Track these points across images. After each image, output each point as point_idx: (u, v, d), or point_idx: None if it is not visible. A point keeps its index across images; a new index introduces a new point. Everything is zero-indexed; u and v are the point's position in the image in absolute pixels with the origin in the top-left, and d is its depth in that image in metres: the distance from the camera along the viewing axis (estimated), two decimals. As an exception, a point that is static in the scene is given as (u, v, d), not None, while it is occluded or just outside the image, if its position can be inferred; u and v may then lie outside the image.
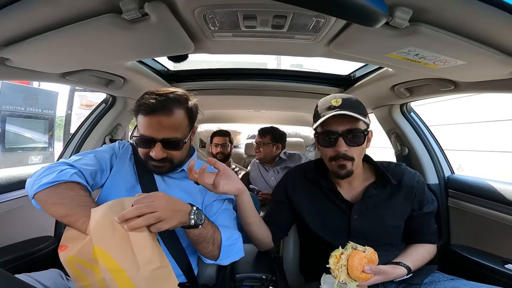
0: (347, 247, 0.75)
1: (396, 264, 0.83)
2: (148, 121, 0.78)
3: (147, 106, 0.77)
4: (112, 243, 0.56)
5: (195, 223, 0.69)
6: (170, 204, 0.66)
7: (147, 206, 0.61)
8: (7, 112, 4.23)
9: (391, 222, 0.89)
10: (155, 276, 0.56)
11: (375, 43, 0.73)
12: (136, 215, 0.59)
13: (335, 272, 0.72)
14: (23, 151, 4.48)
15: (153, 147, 0.79)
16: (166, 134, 0.79)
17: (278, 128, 2.08)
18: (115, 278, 0.54)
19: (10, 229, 1.13)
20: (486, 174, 2.98)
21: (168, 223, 0.63)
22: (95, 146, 1.48)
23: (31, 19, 0.63)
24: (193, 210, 0.70)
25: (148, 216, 0.60)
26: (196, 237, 0.74)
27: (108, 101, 1.50)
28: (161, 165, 0.84)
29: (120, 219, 0.58)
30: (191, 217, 0.69)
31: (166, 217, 0.62)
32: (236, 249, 0.82)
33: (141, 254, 0.56)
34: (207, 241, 0.75)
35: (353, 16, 0.54)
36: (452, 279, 0.85)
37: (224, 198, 0.91)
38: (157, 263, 0.57)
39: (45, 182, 0.70)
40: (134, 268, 0.55)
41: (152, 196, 0.65)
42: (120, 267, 0.54)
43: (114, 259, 0.55)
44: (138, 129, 0.82)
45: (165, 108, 0.78)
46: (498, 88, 0.89)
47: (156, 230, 0.61)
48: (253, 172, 2.16)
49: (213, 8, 0.66)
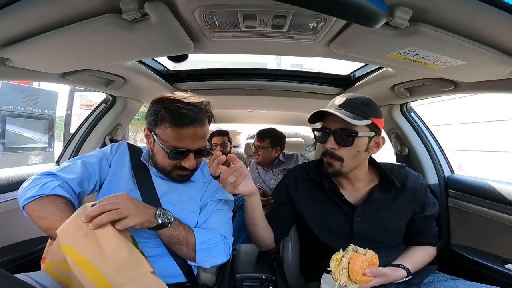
0: (348, 250, 0.74)
1: (396, 266, 0.83)
2: (184, 133, 0.77)
3: (184, 117, 0.76)
4: (78, 239, 0.57)
5: (163, 222, 0.70)
6: (135, 202, 0.67)
7: (110, 203, 0.63)
8: (7, 112, 4.23)
9: (393, 225, 0.89)
10: (124, 263, 0.57)
11: (375, 43, 0.73)
12: (99, 212, 0.60)
13: (336, 274, 0.72)
14: (23, 151, 4.48)
15: (186, 157, 0.80)
16: (200, 144, 0.81)
17: (277, 130, 2.07)
18: (83, 270, 0.55)
19: (10, 229, 1.13)
20: (486, 174, 2.98)
21: (133, 219, 0.63)
22: (95, 146, 1.49)
23: (31, 19, 0.63)
24: (158, 210, 0.71)
25: (110, 212, 0.61)
26: (167, 238, 0.74)
27: (108, 101, 1.50)
28: (188, 174, 0.85)
29: (86, 218, 0.59)
30: (157, 216, 0.70)
31: (130, 213, 0.63)
32: (215, 253, 0.80)
33: (107, 246, 0.57)
34: (179, 243, 0.75)
35: (353, 16, 0.54)
36: (451, 279, 0.85)
37: (219, 198, 0.90)
38: (125, 252, 0.58)
39: (28, 196, 0.72)
40: (100, 259, 0.55)
41: (115, 195, 0.66)
42: (86, 259, 0.55)
43: (80, 252, 0.56)
44: (164, 139, 0.79)
45: (200, 119, 0.79)
46: (498, 88, 0.89)
47: (122, 227, 0.61)
48: (252, 174, 2.15)
49: (213, 8, 0.66)
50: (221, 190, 0.92)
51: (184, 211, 0.84)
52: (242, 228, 1.58)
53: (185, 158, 0.80)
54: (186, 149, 0.79)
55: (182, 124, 0.77)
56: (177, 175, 0.85)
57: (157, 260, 0.81)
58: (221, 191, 0.92)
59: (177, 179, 0.87)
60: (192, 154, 0.81)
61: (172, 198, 0.86)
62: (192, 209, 0.87)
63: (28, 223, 1.18)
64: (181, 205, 0.86)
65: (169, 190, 0.87)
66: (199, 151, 0.81)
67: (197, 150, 0.81)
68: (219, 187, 0.92)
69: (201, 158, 0.85)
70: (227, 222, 0.90)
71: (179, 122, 0.77)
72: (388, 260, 0.86)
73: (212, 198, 0.90)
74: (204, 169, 0.96)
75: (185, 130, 0.77)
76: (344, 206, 0.90)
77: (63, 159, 1.45)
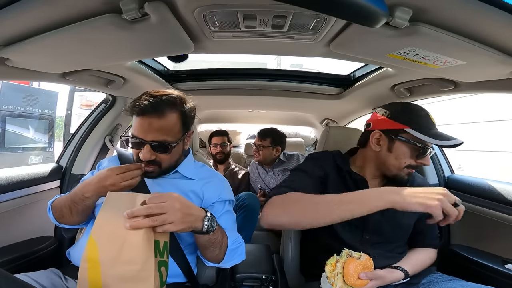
0: (342, 255, 0.75)
1: (393, 268, 0.83)
2: (139, 122, 0.77)
3: (139, 107, 0.76)
4: (106, 237, 0.57)
5: (208, 229, 0.68)
6: (183, 208, 0.64)
7: (157, 206, 0.60)
8: (7, 112, 4.23)
9: (405, 220, 0.89)
10: (129, 276, 0.56)
11: (375, 43, 0.73)
12: (144, 214, 0.59)
13: (332, 279, 0.73)
14: (23, 151, 4.48)
15: (142, 148, 0.78)
16: (155, 137, 0.77)
17: (278, 130, 2.07)
18: (88, 267, 0.55)
19: (10, 229, 1.13)
20: (486, 174, 2.98)
21: (177, 226, 0.61)
22: (95, 146, 1.49)
23: (31, 19, 0.63)
24: (207, 216, 0.68)
25: (154, 218, 0.59)
26: (205, 242, 0.73)
27: (108, 101, 1.50)
28: (150, 169, 0.81)
29: (129, 215, 0.58)
30: (205, 223, 0.67)
31: (174, 220, 0.61)
32: (239, 252, 0.82)
33: (126, 252, 0.56)
34: (215, 245, 0.75)
35: (353, 16, 0.54)
36: (450, 279, 0.85)
37: (225, 199, 0.90)
38: (137, 265, 0.56)
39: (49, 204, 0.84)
40: (109, 264, 0.55)
41: (165, 196, 0.63)
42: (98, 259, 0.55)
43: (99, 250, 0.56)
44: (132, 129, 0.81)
45: (156, 110, 0.76)
46: (498, 88, 0.89)
47: (162, 231, 0.60)
48: (253, 173, 2.16)
49: (213, 8, 0.66)
50: (225, 189, 0.92)
51: None
52: (242, 228, 1.59)
53: (141, 149, 0.78)
54: (139, 139, 0.77)
55: (137, 113, 0.77)
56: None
57: (157, 260, 0.81)
58: (225, 191, 0.92)
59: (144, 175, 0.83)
60: (148, 146, 0.77)
61: None
62: None
63: (28, 223, 1.18)
64: None
65: (160, 189, 0.86)
66: (156, 144, 0.78)
67: (153, 143, 0.77)
68: (222, 187, 0.92)
69: (162, 154, 0.80)
70: (235, 222, 0.91)
71: (135, 111, 0.77)
72: (393, 260, 0.86)
73: (218, 199, 0.89)
74: (202, 168, 0.96)
75: (140, 119, 0.77)
76: None
77: (63, 159, 1.45)
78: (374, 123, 0.90)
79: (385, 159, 0.86)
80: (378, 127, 0.88)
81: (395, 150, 0.84)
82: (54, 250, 1.23)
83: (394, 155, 0.85)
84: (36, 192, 1.23)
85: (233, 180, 2.11)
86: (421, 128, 0.81)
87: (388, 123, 0.86)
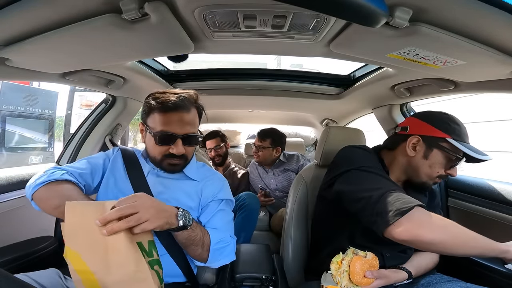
0: (347, 253, 0.75)
1: (398, 268, 0.83)
2: (170, 118, 0.80)
3: (168, 103, 0.79)
4: (86, 245, 0.55)
5: (184, 224, 0.69)
6: (155, 204, 0.65)
7: (128, 207, 0.59)
8: (7, 112, 4.23)
9: None
10: (127, 280, 0.55)
11: (375, 43, 0.73)
12: (117, 217, 0.57)
13: (337, 277, 0.72)
14: (23, 151, 4.47)
15: (174, 143, 0.81)
16: (187, 130, 0.82)
17: (278, 130, 2.06)
18: (83, 279, 0.53)
19: (10, 229, 1.13)
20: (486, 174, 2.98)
21: (153, 223, 0.61)
22: (95, 146, 1.49)
23: (31, 19, 0.63)
24: (179, 212, 0.69)
25: (128, 218, 0.58)
26: (185, 240, 0.74)
27: (108, 101, 1.50)
28: (178, 163, 0.85)
29: (101, 221, 0.56)
30: (179, 218, 0.68)
31: (149, 217, 0.61)
32: (226, 252, 0.82)
33: (115, 257, 0.55)
34: (196, 244, 0.75)
35: (353, 16, 0.54)
36: (449, 280, 0.84)
37: (221, 198, 0.90)
38: (131, 267, 0.55)
39: (38, 182, 0.75)
40: (103, 271, 0.53)
41: (134, 196, 0.63)
42: (89, 269, 0.53)
43: (84, 260, 0.53)
44: (153, 127, 0.82)
45: (185, 104, 0.81)
46: (498, 88, 0.89)
47: (140, 230, 0.59)
48: (252, 174, 2.15)
49: (213, 8, 0.66)
50: (222, 189, 0.92)
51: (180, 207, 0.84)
52: (242, 228, 1.59)
53: (173, 144, 0.81)
54: (173, 133, 0.81)
55: (168, 108, 0.80)
56: (168, 164, 0.85)
57: (157, 260, 0.81)
58: (222, 190, 0.92)
59: (169, 169, 0.87)
60: (180, 140, 0.81)
61: (167, 195, 0.86)
62: (189, 205, 0.86)
63: (28, 223, 1.18)
64: (177, 202, 0.85)
65: (164, 189, 0.87)
66: (187, 137, 0.82)
67: (185, 136, 0.82)
68: (220, 187, 0.92)
69: (190, 147, 0.86)
70: (230, 222, 0.91)
71: (165, 107, 0.80)
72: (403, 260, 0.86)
73: (213, 198, 0.89)
74: (203, 168, 0.97)
75: (170, 114, 0.80)
76: None
77: (63, 159, 1.45)
78: (412, 127, 0.87)
79: (418, 166, 0.84)
80: (417, 132, 0.85)
81: (431, 158, 0.82)
82: (54, 250, 1.23)
83: (429, 163, 0.83)
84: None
85: (233, 180, 2.11)
86: (461, 138, 0.81)
87: (429, 129, 0.83)
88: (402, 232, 0.69)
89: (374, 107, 1.56)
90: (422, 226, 0.69)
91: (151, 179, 0.88)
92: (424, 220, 0.70)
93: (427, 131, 0.84)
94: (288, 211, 1.14)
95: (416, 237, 0.68)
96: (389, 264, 0.83)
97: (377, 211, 0.72)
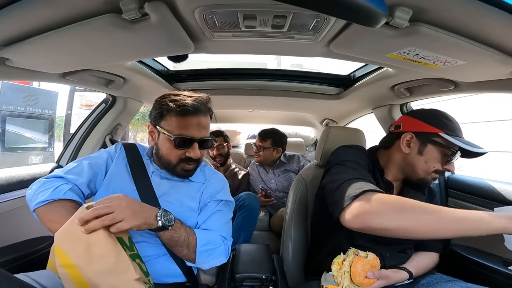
0: (348, 253, 0.74)
1: (398, 268, 0.83)
2: (189, 121, 0.80)
3: (188, 106, 0.79)
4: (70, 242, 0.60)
5: (163, 224, 0.69)
6: (131, 204, 0.66)
7: (104, 207, 0.62)
8: (7, 112, 4.23)
9: None
10: (108, 270, 0.58)
11: (375, 43, 0.73)
12: (93, 216, 0.60)
13: (338, 278, 0.72)
14: (23, 151, 4.48)
15: (191, 147, 0.81)
16: (203, 134, 0.83)
17: (279, 131, 2.06)
18: (68, 273, 0.57)
19: (10, 229, 1.13)
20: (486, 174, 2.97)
21: (128, 222, 0.63)
22: (95, 146, 1.49)
23: (31, 19, 0.63)
24: (159, 212, 0.70)
25: (103, 218, 0.61)
26: (168, 240, 0.74)
27: (108, 101, 1.50)
28: (193, 167, 0.86)
29: (80, 221, 0.60)
30: (158, 218, 0.69)
31: (124, 217, 0.62)
32: (215, 254, 0.81)
33: (95, 251, 0.58)
34: (180, 245, 0.75)
35: (353, 16, 0.54)
36: (450, 280, 0.85)
37: (220, 199, 0.90)
38: (111, 258, 0.59)
39: (40, 200, 0.74)
40: (86, 264, 0.57)
41: (111, 198, 0.66)
42: (72, 263, 0.57)
43: (68, 254, 0.58)
44: (169, 130, 0.81)
45: (203, 110, 0.83)
46: (498, 88, 0.89)
47: (115, 230, 0.61)
48: (253, 174, 2.15)
49: (213, 8, 0.66)
50: (222, 190, 0.92)
51: (183, 210, 0.84)
52: (242, 228, 1.59)
53: (190, 147, 0.82)
54: (191, 137, 0.81)
55: (187, 112, 0.80)
56: (182, 169, 0.85)
57: (156, 260, 0.81)
58: (222, 191, 0.92)
59: (182, 174, 0.87)
60: (197, 144, 0.82)
61: (171, 197, 0.86)
62: (191, 208, 0.87)
63: (28, 223, 1.18)
64: (180, 204, 0.85)
65: (168, 190, 0.87)
66: (203, 141, 0.83)
67: (201, 140, 0.83)
68: (220, 187, 0.92)
69: (204, 150, 0.87)
70: (227, 223, 0.90)
71: (184, 111, 0.80)
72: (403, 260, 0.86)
73: (212, 199, 0.89)
74: (205, 170, 0.96)
75: (189, 118, 0.80)
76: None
77: (63, 159, 1.45)
78: (405, 125, 0.88)
79: (414, 162, 0.85)
80: (410, 129, 0.86)
81: (426, 153, 0.83)
82: (54, 250, 1.23)
83: (424, 159, 0.83)
84: (36, 192, 1.23)
85: (233, 180, 2.10)
86: (454, 133, 0.81)
87: (421, 126, 0.84)
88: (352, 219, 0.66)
89: (374, 107, 1.56)
90: (370, 212, 0.64)
91: (155, 180, 0.88)
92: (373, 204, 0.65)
93: (420, 128, 0.84)
94: (288, 211, 1.14)
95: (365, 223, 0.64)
96: (389, 264, 0.83)
97: (335, 199, 0.72)
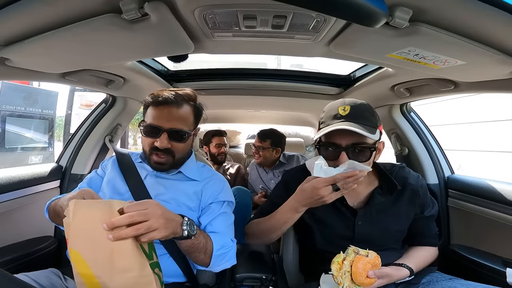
0: (348, 252, 0.72)
1: (399, 265, 0.83)
2: (159, 111, 0.83)
3: (160, 97, 0.83)
4: (89, 246, 0.53)
5: (188, 234, 0.68)
6: (165, 213, 0.63)
7: (139, 214, 0.57)
8: (7, 112, 4.23)
9: (396, 227, 0.89)
10: (130, 283, 0.54)
11: (375, 43, 0.73)
12: (126, 223, 0.55)
13: (339, 278, 0.70)
14: (23, 151, 4.48)
15: (159, 137, 0.82)
16: (174, 125, 0.83)
17: (278, 131, 2.06)
18: (85, 282, 0.53)
19: (10, 229, 1.13)
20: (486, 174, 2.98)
21: (161, 232, 0.59)
22: (95, 146, 1.49)
23: (31, 19, 0.63)
24: (185, 221, 0.68)
25: (138, 226, 0.56)
26: (188, 248, 0.73)
27: (108, 101, 1.50)
28: (163, 159, 0.85)
29: (109, 226, 0.53)
30: (184, 228, 0.67)
31: (158, 226, 0.59)
32: (228, 257, 0.82)
33: (120, 262, 0.54)
34: (198, 251, 0.75)
35: (353, 16, 0.54)
36: (450, 279, 0.85)
37: (223, 200, 0.90)
38: (135, 272, 0.54)
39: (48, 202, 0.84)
40: (107, 275, 0.53)
41: (145, 203, 0.61)
42: (92, 273, 0.52)
43: (87, 262, 0.52)
44: (145, 120, 0.86)
45: (176, 100, 0.83)
46: (498, 88, 0.89)
47: (147, 239, 0.57)
48: (253, 174, 2.15)
49: (213, 8, 0.66)
50: (223, 190, 0.92)
51: (182, 209, 0.84)
52: (234, 225, 1.57)
53: (157, 137, 0.82)
54: (158, 126, 0.82)
55: (159, 103, 0.83)
56: (154, 162, 0.86)
57: (156, 260, 0.81)
58: (223, 191, 0.92)
59: (155, 167, 0.87)
60: (165, 134, 0.82)
61: (166, 196, 0.86)
62: (188, 206, 0.86)
63: (28, 223, 1.18)
64: (176, 202, 0.85)
65: (163, 189, 0.87)
66: (173, 132, 0.83)
67: (171, 131, 0.83)
68: (221, 187, 0.92)
69: (178, 143, 0.85)
70: (231, 225, 0.90)
71: (156, 102, 0.84)
72: (389, 261, 0.85)
73: (214, 199, 0.89)
74: (203, 168, 0.96)
75: (160, 108, 0.83)
76: (345, 210, 0.89)
77: (63, 159, 1.45)
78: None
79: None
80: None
81: None
82: (54, 250, 1.23)
83: None
84: (36, 192, 1.23)
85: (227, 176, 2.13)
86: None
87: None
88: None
89: (374, 107, 1.54)
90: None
91: (150, 180, 0.88)
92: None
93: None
94: (288, 211, 1.13)
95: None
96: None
97: None
